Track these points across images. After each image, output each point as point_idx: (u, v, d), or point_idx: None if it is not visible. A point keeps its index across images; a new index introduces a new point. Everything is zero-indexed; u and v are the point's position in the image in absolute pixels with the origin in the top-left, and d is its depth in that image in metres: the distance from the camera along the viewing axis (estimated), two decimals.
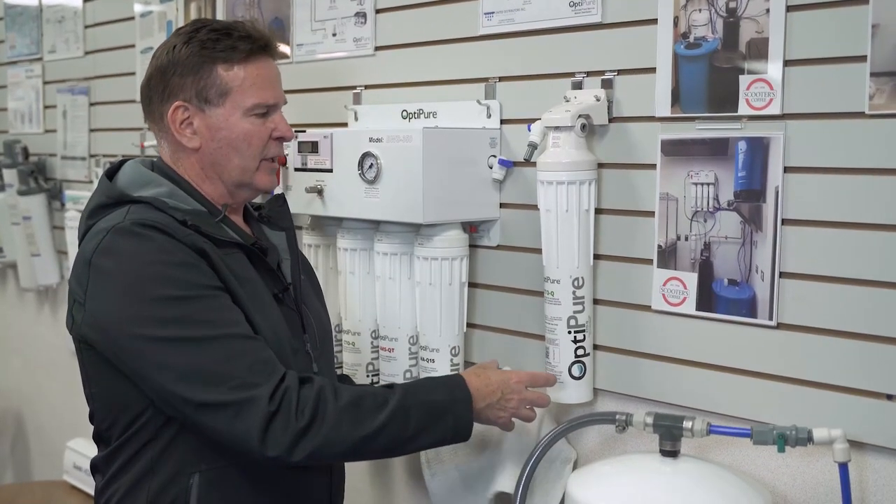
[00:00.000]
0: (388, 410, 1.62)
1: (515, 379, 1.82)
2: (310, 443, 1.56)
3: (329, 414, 1.57)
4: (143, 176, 1.74)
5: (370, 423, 1.60)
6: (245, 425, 1.55)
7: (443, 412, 1.68)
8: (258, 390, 1.55)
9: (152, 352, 1.58)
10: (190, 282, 1.59)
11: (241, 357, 1.58)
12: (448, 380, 1.77)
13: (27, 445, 4.21)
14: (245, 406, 1.55)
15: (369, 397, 1.63)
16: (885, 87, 1.54)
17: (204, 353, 1.57)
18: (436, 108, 2.21)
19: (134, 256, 1.60)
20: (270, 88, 1.76)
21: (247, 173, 1.76)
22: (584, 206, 1.86)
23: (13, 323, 4.15)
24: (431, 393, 1.69)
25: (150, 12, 3.16)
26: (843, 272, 1.62)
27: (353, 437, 1.59)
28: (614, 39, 1.89)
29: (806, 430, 1.57)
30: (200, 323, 1.58)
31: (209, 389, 1.56)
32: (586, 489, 1.63)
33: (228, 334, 1.59)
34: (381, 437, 1.61)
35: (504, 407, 1.79)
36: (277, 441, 1.54)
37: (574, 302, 1.88)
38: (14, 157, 3.74)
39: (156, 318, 1.57)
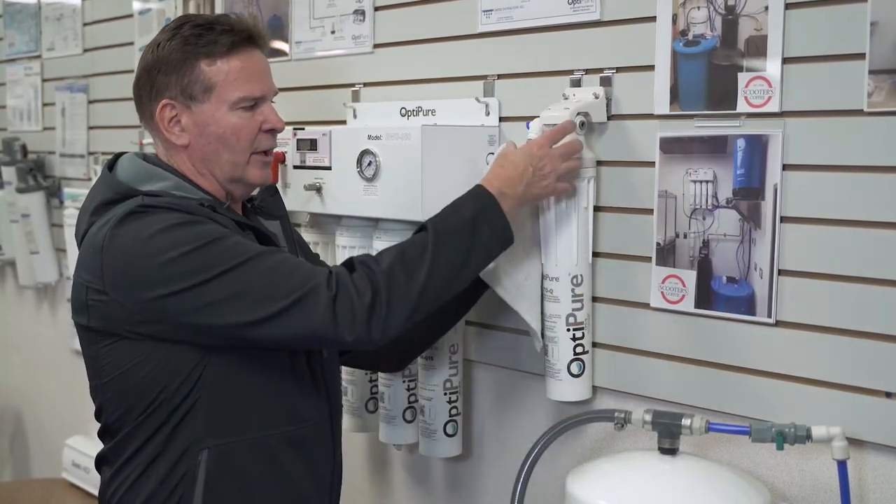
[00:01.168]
0: (429, 251, 1.64)
1: (537, 146, 1.80)
2: (382, 314, 1.59)
3: (383, 280, 1.60)
4: (144, 170, 1.74)
5: (421, 271, 1.63)
6: (314, 319, 1.58)
7: (476, 226, 1.70)
8: (312, 283, 1.58)
9: (196, 299, 1.59)
10: (208, 231, 1.62)
11: (282, 266, 1.61)
12: (471, 193, 1.75)
13: (26, 443, 4.21)
14: (307, 301, 1.58)
15: (409, 248, 1.66)
16: (883, 85, 1.54)
17: (246, 276, 1.59)
18: (434, 106, 2.20)
19: (146, 229, 1.61)
20: (257, 80, 1.75)
21: (238, 168, 1.76)
22: (582, 204, 1.86)
23: (12, 321, 4.15)
24: (459, 214, 1.71)
25: (149, 10, 3.16)
26: (842, 270, 1.61)
27: (413, 290, 1.62)
28: (613, 37, 1.89)
29: (805, 428, 1.57)
30: (230, 256, 1.60)
31: (267, 303, 1.58)
32: (585, 487, 1.63)
33: (259, 253, 1.62)
34: (436, 278, 1.64)
35: (543, 175, 1.78)
36: (351, 323, 1.58)
37: (573, 300, 1.88)
38: (13, 155, 3.74)
39: (186, 270, 1.59)
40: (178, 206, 1.65)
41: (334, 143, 2.16)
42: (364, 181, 2.08)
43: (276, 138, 1.83)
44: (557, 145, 1.81)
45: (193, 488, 1.66)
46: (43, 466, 4.05)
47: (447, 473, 2.34)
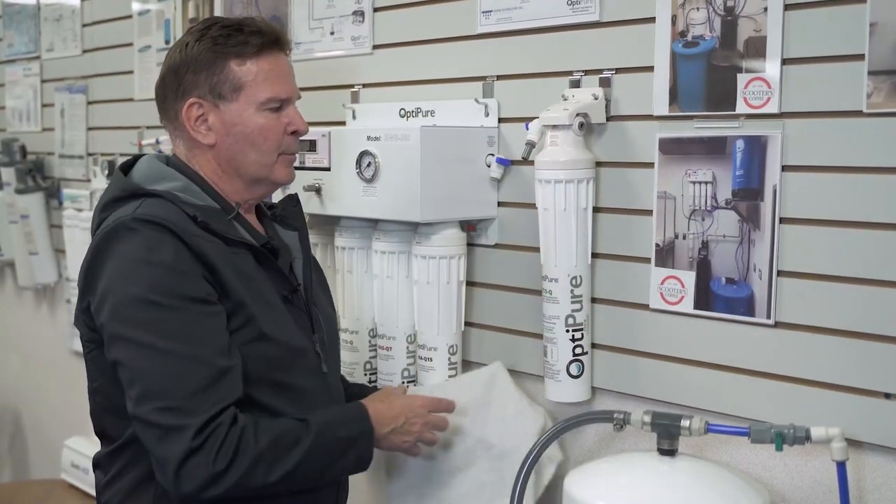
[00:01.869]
0: (300, 453, 1.62)
1: (420, 403, 1.85)
2: (223, 486, 1.56)
3: (247, 458, 1.56)
4: (157, 170, 1.75)
5: (284, 465, 1.60)
6: (166, 452, 1.55)
7: (348, 448, 1.69)
8: (189, 419, 1.54)
9: (117, 347, 1.60)
10: (170, 289, 1.59)
11: (189, 379, 1.56)
12: (355, 413, 1.76)
13: (25, 444, 4.21)
14: (171, 433, 1.54)
15: (286, 437, 1.62)
16: (882, 86, 1.54)
17: (155, 363, 1.57)
18: (434, 107, 2.20)
19: (127, 253, 1.61)
20: (283, 82, 1.76)
21: (264, 168, 1.76)
22: (581, 205, 1.86)
23: (11, 321, 4.15)
24: (340, 429, 1.69)
25: (148, 11, 3.16)
26: (841, 271, 1.62)
27: (267, 480, 1.59)
28: (612, 38, 1.89)
29: (804, 429, 1.57)
30: (165, 333, 1.57)
31: (145, 402, 1.56)
32: (584, 488, 1.63)
33: (186, 353, 1.57)
34: (293, 477, 1.62)
35: (408, 431, 1.82)
36: (193, 478, 1.55)
37: (572, 301, 1.88)
38: (12, 156, 3.74)
39: (129, 317, 1.59)
40: (168, 223, 1.62)
41: (333, 144, 2.16)
42: (363, 182, 2.08)
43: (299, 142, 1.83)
44: (433, 414, 1.87)
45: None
46: (42, 467, 4.05)
47: None
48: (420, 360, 2.13)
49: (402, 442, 1.82)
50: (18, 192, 3.69)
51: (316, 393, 1.77)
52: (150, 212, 1.64)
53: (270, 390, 1.69)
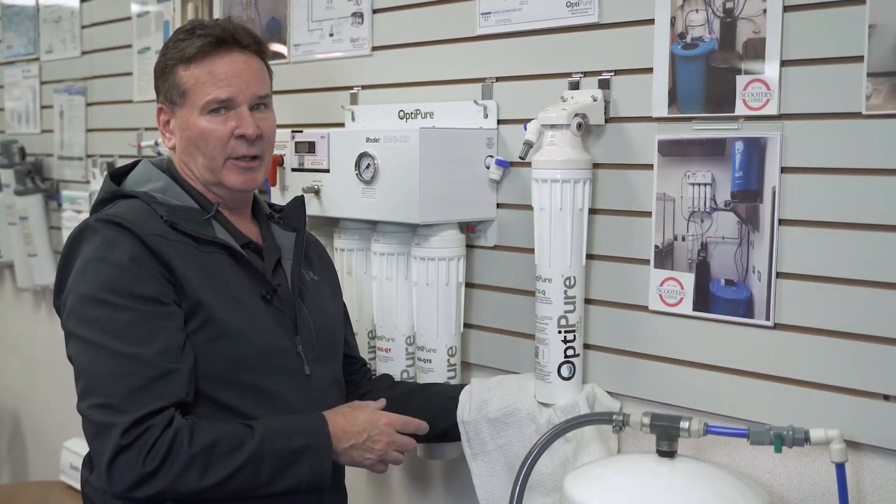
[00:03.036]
0: (240, 459, 1.60)
1: (385, 420, 1.82)
2: (153, 488, 1.55)
3: (179, 461, 1.56)
4: (146, 173, 1.79)
5: (219, 471, 1.59)
6: (100, 448, 1.57)
7: (298, 460, 1.66)
8: (120, 417, 1.54)
9: (71, 345, 1.66)
10: (120, 288, 1.61)
11: (126, 378, 1.57)
12: (311, 424, 1.71)
13: (24, 445, 4.20)
14: (103, 429, 1.56)
15: (225, 442, 1.60)
16: (881, 88, 1.54)
17: (97, 361, 1.60)
18: (433, 109, 2.20)
19: (87, 253, 1.66)
20: (226, 84, 1.74)
21: (213, 172, 1.77)
22: (577, 206, 1.86)
23: (10, 323, 4.15)
24: (290, 439, 1.66)
25: (147, 12, 3.16)
26: (841, 272, 1.61)
27: (200, 485, 1.58)
28: (611, 40, 1.89)
29: (803, 431, 1.56)
30: (109, 331, 1.60)
31: (85, 398, 1.59)
32: (583, 489, 1.63)
33: (128, 352, 1.58)
34: (231, 485, 1.60)
35: (371, 448, 1.79)
36: (121, 478, 1.55)
37: (565, 301, 1.87)
38: (11, 157, 3.74)
39: (80, 314, 1.63)
40: (127, 223, 1.64)
41: (333, 145, 2.16)
42: (362, 184, 2.08)
43: (266, 143, 1.80)
44: (400, 434, 1.84)
45: None
46: (40, 469, 4.05)
47: (445, 475, 2.34)
48: (419, 361, 2.13)
49: (362, 458, 1.79)
50: (17, 194, 3.69)
51: (293, 396, 1.75)
52: (115, 212, 1.68)
53: (235, 392, 1.69)
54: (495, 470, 1.97)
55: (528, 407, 1.91)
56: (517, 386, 1.97)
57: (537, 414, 1.90)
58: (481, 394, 1.97)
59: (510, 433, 1.93)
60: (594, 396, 1.93)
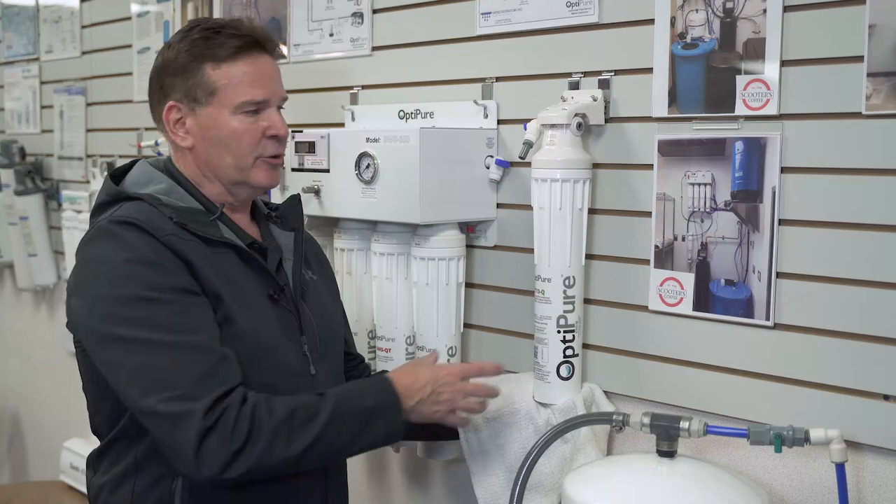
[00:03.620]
0: (319, 424, 1.60)
1: (446, 372, 1.80)
2: (243, 463, 1.54)
3: (264, 434, 1.55)
4: (146, 174, 1.77)
5: (303, 439, 1.59)
6: (181, 438, 1.54)
7: (373, 418, 1.67)
8: (196, 404, 1.53)
9: (110, 349, 1.59)
10: (156, 283, 1.60)
11: (190, 367, 1.56)
12: (377, 383, 1.74)
13: (24, 445, 4.21)
14: (181, 419, 1.53)
15: (301, 411, 1.61)
16: (881, 88, 1.54)
17: (154, 357, 1.57)
18: (433, 109, 2.21)
19: (106, 255, 1.63)
20: (260, 85, 1.74)
21: (242, 171, 1.76)
22: (577, 205, 1.86)
23: (10, 323, 4.15)
24: (361, 400, 1.67)
25: (147, 12, 3.16)
26: (841, 272, 1.62)
27: (287, 454, 1.58)
28: (611, 40, 1.89)
29: (803, 431, 1.56)
30: (158, 326, 1.57)
31: (151, 395, 1.55)
32: (583, 489, 1.63)
33: (183, 342, 1.58)
34: (314, 451, 1.60)
35: (437, 401, 1.77)
36: (211, 461, 1.53)
37: (564, 301, 1.87)
38: (11, 158, 3.73)
39: (117, 315, 1.59)
40: (142, 223, 1.64)
41: (332, 145, 2.16)
42: (362, 184, 2.08)
43: (285, 143, 1.82)
44: (467, 382, 1.82)
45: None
46: (40, 469, 4.05)
47: (445, 475, 2.34)
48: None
49: (432, 413, 1.78)
50: (17, 194, 3.69)
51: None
52: (126, 213, 1.66)
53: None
54: (493, 469, 1.97)
55: (527, 407, 1.91)
56: (515, 386, 1.97)
57: (535, 414, 1.90)
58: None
59: (508, 433, 1.93)
60: (592, 398, 1.93)
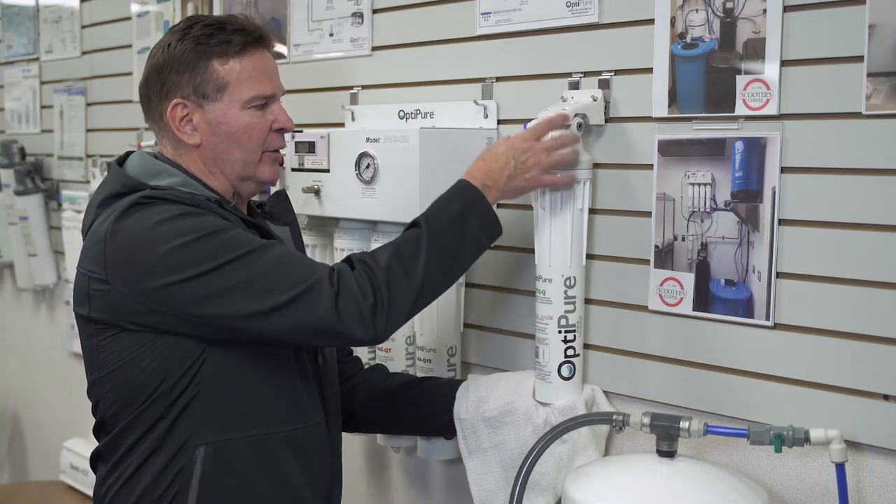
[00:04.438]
0: (424, 247, 1.65)
1: (521, 139, 1.80)
2: (382, 314, 1.60)
3: (382, 279, 1.60)
4: (153, 166, 1.76)
5: (417, 267, 1.64)
6: (319, 312, 1.58)
7: (466, 220, 1.70)
8: (315, 277, 1.59)
9: (199, 289, 1.60)
10: (212, 222, 1.64)
11: (285, 259, 1.62)
12: (457, 189, 1.75)
13: (24, 445, 4.21)
14: (311, 294, 1.58)
15: (404, 245, 1.66)
16: (881, 88, 1.54)
17: (249, 267, 1.60)
18: (433, 109, 2.21)
19: (150, 219, 1.63)
20: (267, 80, 1.77)
21: (249, 166, 1.77)
22: (578, 206, 1.86)
23: (10, 323, 4.15)
24: (448, 209, 1.71)
25: (147, 12, 3.16)
26: (841, 272, 1.62)
27: (412, 286, 1.63)
28: (611, 40, 1.89)
29: (803, 431, 1.57)
30: (234, 246, 1.61)
31: (270, 294, 1.59)
32: (583, 489, 1.63)
33: (263, 246, 1.63)
34: (431, 272, 1.65)
35: (526, 169, 1.78)
36: (355, 321, 1.58)
37: (565, 301, 1.87)
38: (11, 157, 3.73)
39: (189, 260, 1.60)
40: (184, 199, 1.67)
41: (332, 145, 2.16)
42: (362, 184, 2.08)
43: (285, 138, 1.85)
44: (546, 138, 1.81)
45: (189, 485, 1.66)
46: (40, 469, 4.05)
47: (445, 475, 2.34)
48: (419, 361, 2.13)
49: (526, 182, 1.79)
50: (17, 194, 3.69)
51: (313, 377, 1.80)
52: (160, 192, 1.68)
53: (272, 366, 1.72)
54: (490, 468, 1.97)
55: (526, 406, 1.91)
56: (514, 385, 1.97)
57: (534, 413, 1.90)
58: (478, 391, 1.97)
59: (506, 432, 1.93)
60: (593, 399, 1.93)
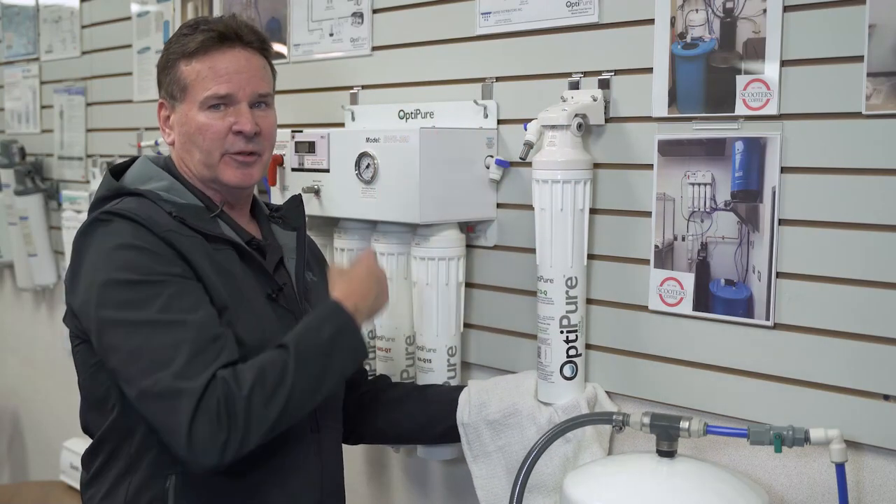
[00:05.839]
0: (289, 374, 1.57)
1: (374, 264, 1.84)
2: (233, 448, 1.52)
3: (240, 409, 1.52)
4: (147, 171, 1.78)
5: (280, 394, 1.56)
6: (174, 421, 1.51)
7: (334, 346, 1.64)
8: (192, 383, 1.51)
9: (109, 334, 1.59)
10: (150, 267, 1.59)
11: (188, 344, 1.54)
12: (329, 310, 1.69)
13: (24, 445, 4.21)
14: (176, 399, 1.50)
15: (269, 369, 1.57)
16: (881, 88, 1.54)
17: (152, 337, 1.55)
18: (433, 109, 2.20)
19: (103, 243, 1.63)
20: (226, 79, 1.74)
21: (208, 168, 1.76)
22: (578, 206, 1.86)
23: (10, 323, 4.15)
24: (319, 333, 1.64)
25: (147, 12, 3.16)
26: (840, 272, 1.62)
27: (270, 415, 1.54)
28: (611, 40, 1.89)
29: (803, 431, 1.57)
30: (154, 307, 1.56)
31: (148, 375, 1.53)
32: (583, 489, 1.63)
33: (179, 320, 1.56)
34: (294, 399, 1.58)
35: (383, 291, 1.81)
36: (203, 448, 1.50)
37: (567, 301, 1.87)
38: (11, 157, 3.74)
39: (113, 300, 1.58)
40: (141, 218, 1.63)
41: (332, 145, 2.16)
42: (362, 183, 2.08)
43: (266, 140, 1.80)
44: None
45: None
46: (40, 469, 4.05)
47: (445, 475, 2.34)
48: (419, 361, 2.13)
49: (380, 306, 1.81)
50: (17, 194, 3.69)
51: None
52: (124, 207, 1.66)
53: None
54: (496, 471, 1.97)
55: (529, 408, 1.91)
56: (515, 386, 1.97)
57: (538, 414, 1.90)
58: (480, 395, 1.96)
59: (510, 434, 1.93)
60: (595, 398, 1.93)
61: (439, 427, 1.98)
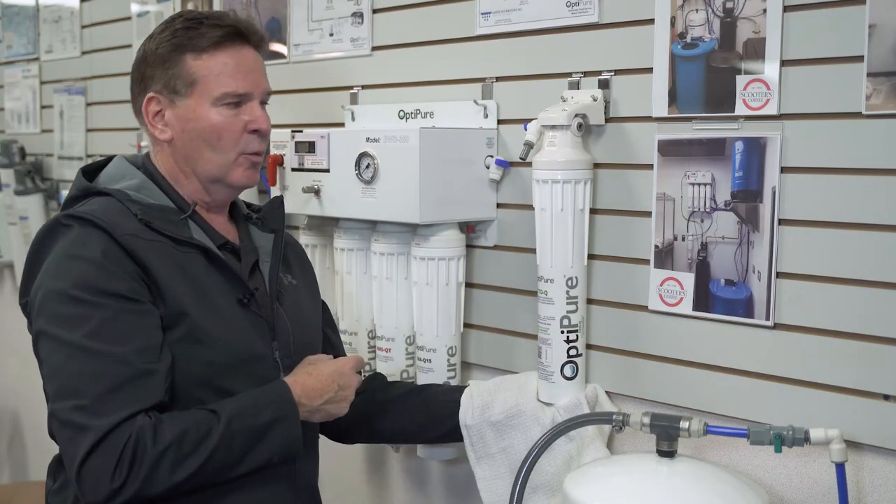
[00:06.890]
0: (210, 446, 1.53)
1: (349, 366, 1.79)
2: (127, 492, 1.48)
3: (146, 463, 1.48)
4: (121, 169, 1.74)
5: (191, 462, 1.52)
6: (72, 453, 1.49)
7: (268, 433, 1.60)
8: (98, 421, 1.47)
9: (39, 343, 1.59)
10: (94, 285, 1.55)
11: (105, 378, 1.50)
12: (276, 394, 1.64)
13: (24, 445, 4.20)
14: (79, 432, 1.48)
15: (192, 432, 1.53)
16: (881, 88, 1.54)
17: (72, 361, 1.52)
18: (433, 109, 2.20)
19: (57, 249, 1.61)
20: (243, 77, 1.71)
21: (221, 168, 1.72)
22: (579, 206, 1.86)
23: (10, 323, 4.14)
24: (258, 415, 1.59)
25: (147, 12, 3.16)
26: (840, 272, 1.62)
27: (172, 480, 1.51)
28: (611, 39, 1.89)
29: (803, 431, 1.57)
30: (82, 330, 1.53)
31: (59, 400, 1.52)
32: (583, 489, 1.63)
33: (103, 351, 1.52)
34: (204, 472, 1.54)
35: (344, 397, 1.76)
36: (91, 485, 1.48)
37: (567, 301, 1.87)
38: (11, 157, 3.73)
39: (51, 312, 1.57)
40: (100, 220, 1.59)
41: (332, 145, 2.16)
42: (362, 183, 2.07)
43: (267, 140, 1.79)
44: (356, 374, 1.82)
45: None
46: (40, 469, 4.04)
47: (444, 475, 2.34)
48: (419, 361, 2.13)
49: (338, 408, 1.75)
50: (17, 194, 3.69)
51: None
52: (86, 209, 1.63)
53: (211, 395, 1.63)
54: (499, 472, 1.97)
55: (532, 408, 1.91)
56: (518, 387, 1.96)
57: (541, 414, 1.90)
58: (482, 397, 1.96)
59: (514, 435, 1.93)
60: (596, 397, 1.93)
61: (438, 428, 1.98)
